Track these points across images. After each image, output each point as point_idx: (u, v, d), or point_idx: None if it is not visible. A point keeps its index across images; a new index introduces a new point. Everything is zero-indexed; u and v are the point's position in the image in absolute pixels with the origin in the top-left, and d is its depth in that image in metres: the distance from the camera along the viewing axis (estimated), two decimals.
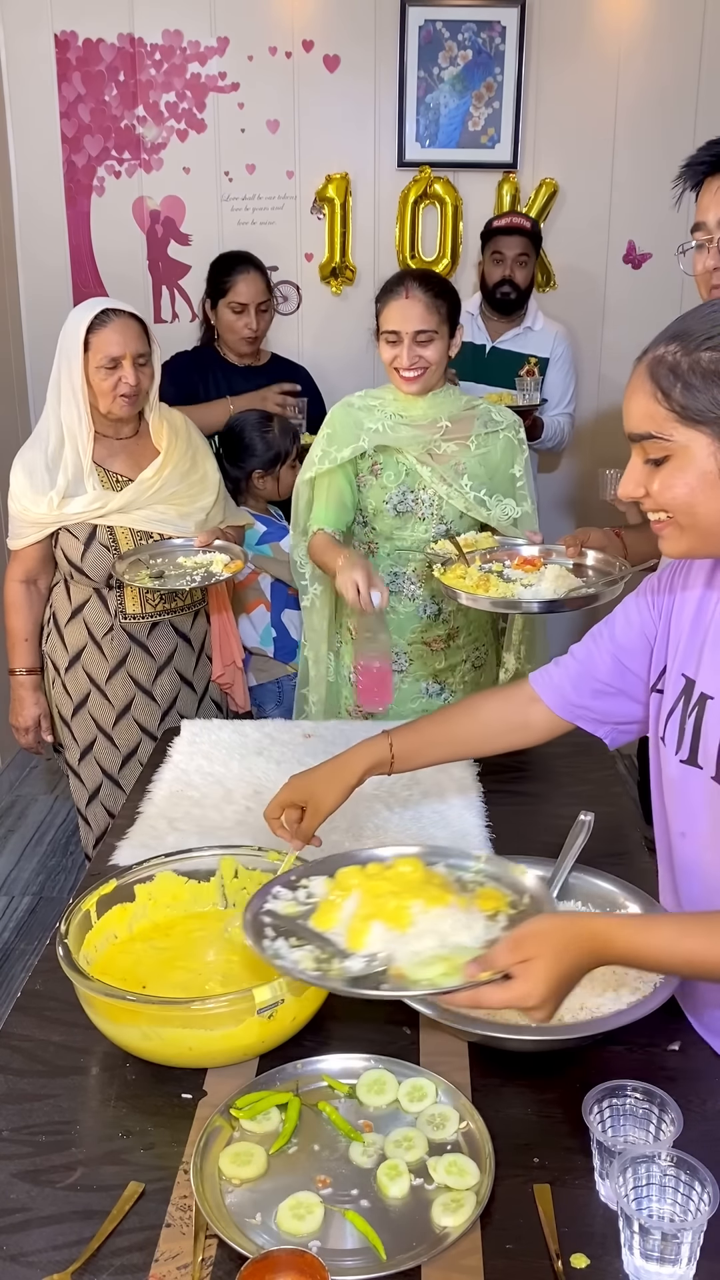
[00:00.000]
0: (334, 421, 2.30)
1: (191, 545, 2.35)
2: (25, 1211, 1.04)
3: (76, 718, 2.45)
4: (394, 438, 2.23)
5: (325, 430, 2.31)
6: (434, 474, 2.22)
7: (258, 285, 3.11)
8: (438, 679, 2.37)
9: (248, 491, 2.88)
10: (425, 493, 2.25)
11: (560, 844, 1.47)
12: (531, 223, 3.49)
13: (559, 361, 3.52)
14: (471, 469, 2.24)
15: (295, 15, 3.70)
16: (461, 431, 2.24)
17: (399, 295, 2.15)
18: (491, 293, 3.44)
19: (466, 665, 2.38)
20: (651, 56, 3.74)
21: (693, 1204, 0.97)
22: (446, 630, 2.35)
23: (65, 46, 3.71)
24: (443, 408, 2.25)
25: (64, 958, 1.23)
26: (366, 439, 2.24)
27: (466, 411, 2.27)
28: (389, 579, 2.33)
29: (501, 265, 3.42)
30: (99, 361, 2.22)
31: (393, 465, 2.27)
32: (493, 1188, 1.03)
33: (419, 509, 2.26)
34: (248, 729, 2.13)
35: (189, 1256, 0.98)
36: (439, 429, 2.24)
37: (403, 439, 2.23)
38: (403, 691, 2.37)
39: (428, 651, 2.36)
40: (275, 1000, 1.16)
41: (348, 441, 2.25)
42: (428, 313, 2.14)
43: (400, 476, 2.26)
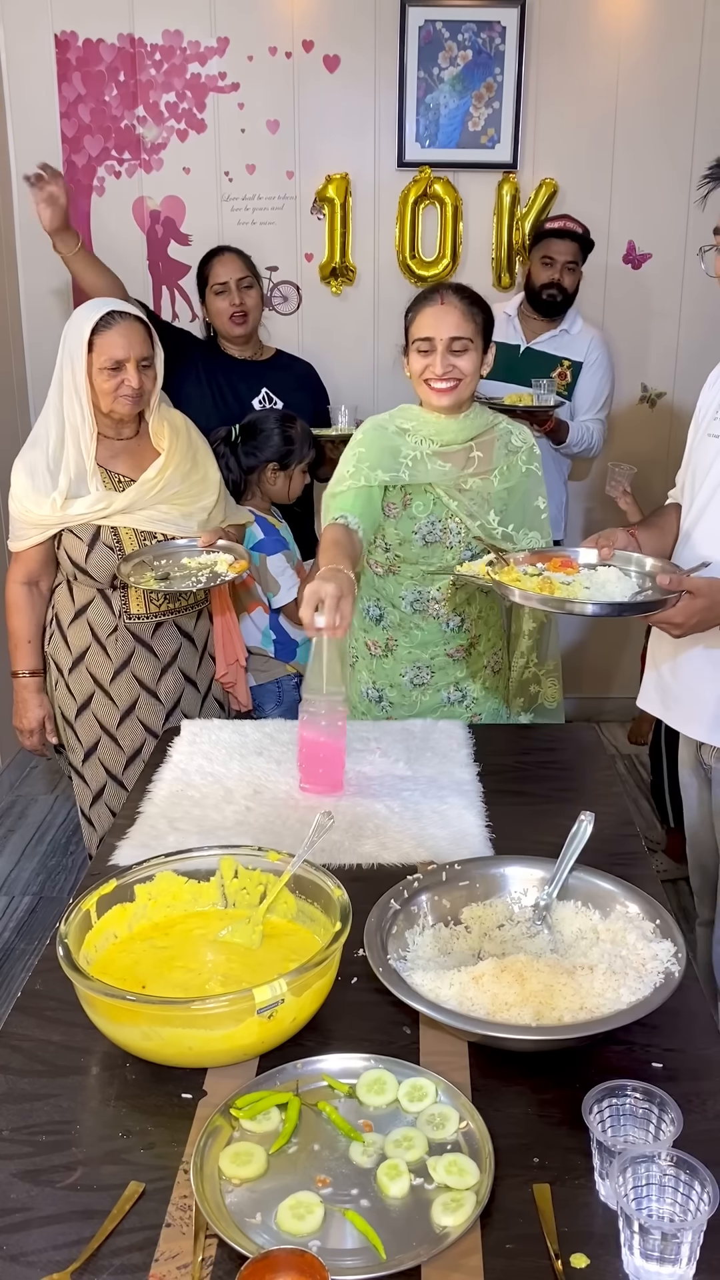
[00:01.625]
0: (367, 442, 2.18)
1: (195, 546, 2.35)
2: (25, 1211, 1.04)
3: (80, 719, 2.45)
4: (428, 472, 2.16)
5: (357, 449, 2.18)
6: (462, 507, 2.18)
7: (234, 264, 3.16)
8: (459, 687, 2.34)
9: (257, 486, 2.88)
10: (453, 522, 2.20)
11: (560, 844, 1.47)
12: (584, 229, 3.48)
13: (594, 366, 3.50)
14: (497, 502, 2.20)
15: (295, 15, 3.70)
16: (485, 463, 2.19)
17: (434, 302, 2.09)
18: (538, 293, 3.44)
19: (487, 670, 2.35)
20: (651, 56, 3.75)
21: (692, 1204, 0.97)
22: (468, 639, 2.32)
23: (65, 46, 3.72)
24: (474, 427, 2.18)
25: (64, 958, 1.23)
26: (406, 471, 2.15)
27: (488, 433, 2.21)
28: (413, 598, 2.27)
29: (551, 268, 3.41)
30: (102, 363, 2.22)
31: (421, 496, 2.19)
32: (493, 1188, 1.03)
33: (447, 538, 2.21)
34: (248, 729, 2.13)
35: (189, 1256, 0.98)
36: (471, 460, 2.17)
37: (434, 475, 2.16)
38: (424, 702, 2.33)
39: (450, 662, 2.32)
40: (275, 1000, 1.16)
41: (386, 467, 2.14)
42: (464, 320, 2.07)
43: (429, 507, 2.19)
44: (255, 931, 1.39)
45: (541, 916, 1.43)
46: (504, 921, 1.44)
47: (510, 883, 1.49)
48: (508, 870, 1.51)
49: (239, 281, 3.13)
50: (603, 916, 1.42)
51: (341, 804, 1.80)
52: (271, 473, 2.86)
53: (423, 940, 1.38)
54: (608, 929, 1.39)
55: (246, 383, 3.19)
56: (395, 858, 1.64)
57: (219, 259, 3.18)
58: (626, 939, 1.35)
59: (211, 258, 3.20)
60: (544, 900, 1.44)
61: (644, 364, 4.02)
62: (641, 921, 1.37)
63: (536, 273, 3.45)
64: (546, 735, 2.22)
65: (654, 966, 1.28)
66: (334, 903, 1.33)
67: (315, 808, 1.76)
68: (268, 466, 2.85)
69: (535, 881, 1.48)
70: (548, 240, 3.43)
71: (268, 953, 1.37)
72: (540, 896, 1.45)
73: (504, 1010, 1.22)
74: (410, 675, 2.32)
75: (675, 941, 1.31)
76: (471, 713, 2.35)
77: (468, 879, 1.49)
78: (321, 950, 1.23)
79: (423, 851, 1.66)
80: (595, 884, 1.45)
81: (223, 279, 3.13)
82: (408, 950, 1.36)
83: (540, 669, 2.38)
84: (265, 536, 2.82)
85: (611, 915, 1.41)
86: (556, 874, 1.45)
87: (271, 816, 1.77)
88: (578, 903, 1.44)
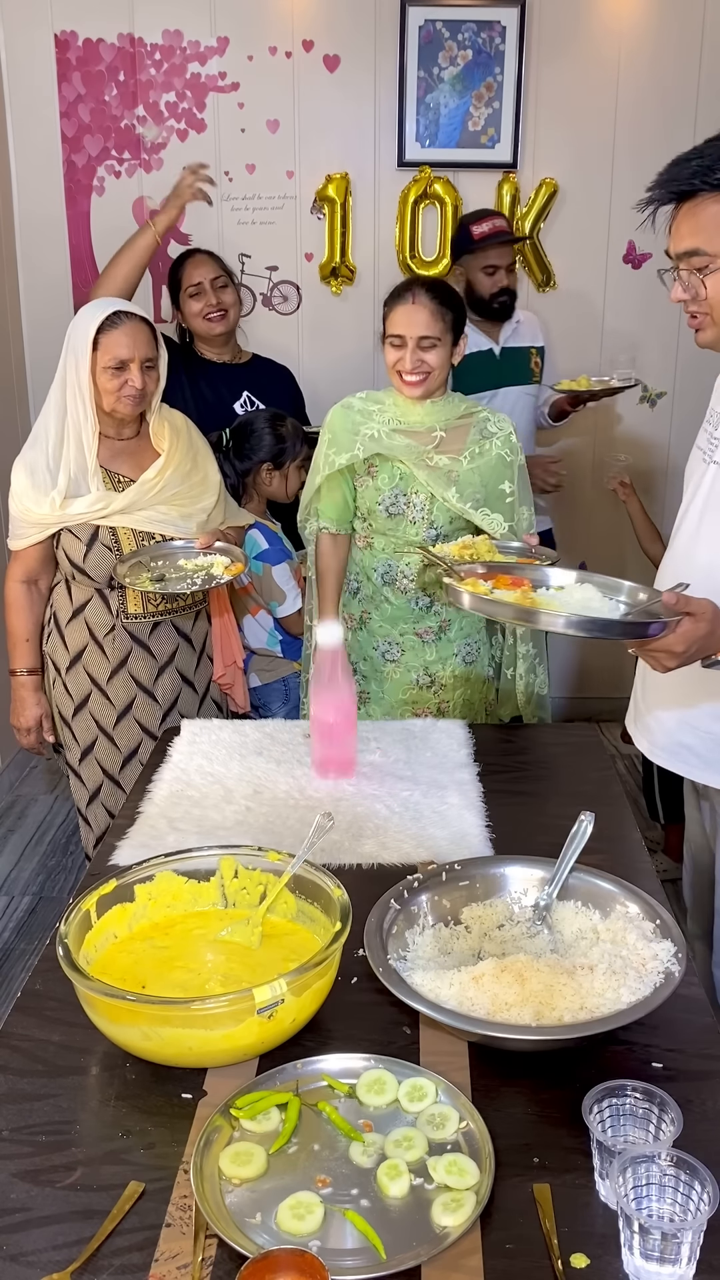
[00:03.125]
0: (333, 425, 2.36)
1: (192, 547, 2.35)
2: (25, 1211, 1.04)
3: (77, 718, 2.45)
4: (387, 445, 2.29)
5: (326, 434, 2.37)
6: (428, 478, 2.26)
7: (207, 265, 3.13)
8: (428, 671, 2.41)
9: (254, 488, 2.88)
10: (417, 497, 2.30)
11: (560, 844, 1.47)
12: (508, 221, 3.44)
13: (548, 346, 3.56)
14: (463, 481, 2.27)
15: (295, 15, 3.70)
16: (455, 443, 2.28)
17: (406, 300, 2.22)
18: (488, 303, 3.35)
19: (457, 660, 2.41)
20: (651, 56, 3.74)
21: (692, 1204, 0.97)
22: (438, 622, 2.40)
23: (65, 46, 3.71)
24: (440, 415, 2.30)
25: (64, 958, 1.23)
26: (361, 447, 2.30)
27: (462, 420, 2.30)
28: (384, 570, 2.38)
29: (495, 276, 3.34)
30: (107, 362, 2.22)
31: (388, 468, 2.32)
32: (493, 1188, 1.03)
33: (410, 512, 2.31)
34: (248, 729, 2.13)
35: (189, 1256, 0.98)
36: (433, 439, 2.28)
37: (396, 448, 2.27)
38: (394, 681, 2.41)
39: (419, 643, 2.41)
40: (275, 1000, 1.16)
41: (343, 446, 2.32)
42: (433, 319, 2.20)
43: (394, 480, 2.31)
44: (255, 931, 1.39)
45: (541, 916, 1.43)
46: (504, 921, 1.44)
47: (510, 883, 1.49)
48: (508, 870, 1.51)
49: (213, 281, 3.09)
50: (603, 916, 1.42)
51: (341, 804, 1.80)
52: (266, 473, 2.86)
53: (423, 940, 1.38)
54: (608, 929, 1.39)
55: (228, 387, 3.18)
56: (395, 858, 1.65)
57: (191, 261, 3.14)
58: (626, 939, 1.35)
59: (183, 261, 3.16)
60: (544, 900, 1.44)
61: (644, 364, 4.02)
62: (641, 921, 1.37)
63: (481, 283, 3.34)
64: (546, 735, 2.22)
65: (654, 966, 1.28)
66: (334, 903, 1.33)
67: (315, 808, 1.76)
68: (262, 467, 2.85)
69: (535, 881, 1.48)
70: (485, 249, 3.32)
71: (268, 953, 1.37)
72: (540, 896, 1.45)
73: (504, 1010, 1.22)
74: (382, 649, 2.43)
75: (675, 941, 1.31)
76: (440, 699, 2.41)
77: (468, 879, 1.49)
78: (321, 950, 1.23)
79: (423, 851, 1.66)
80: (595, 884, 1.45)
81: (196, 280, 3.09)
82: (408, 950, 1.36)
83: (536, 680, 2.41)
84: (269, 546, 2.81)
85: (611, 915, 1.41)
86: (556, 874, 1.45)
87: (271, 816, 1.77)
88: (578, 903, 1.44)
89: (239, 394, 3.18)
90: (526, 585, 1.63)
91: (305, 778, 1.91)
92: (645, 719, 1.90)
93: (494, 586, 1.62)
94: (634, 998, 1.23)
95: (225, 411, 3.11)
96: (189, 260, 3.16)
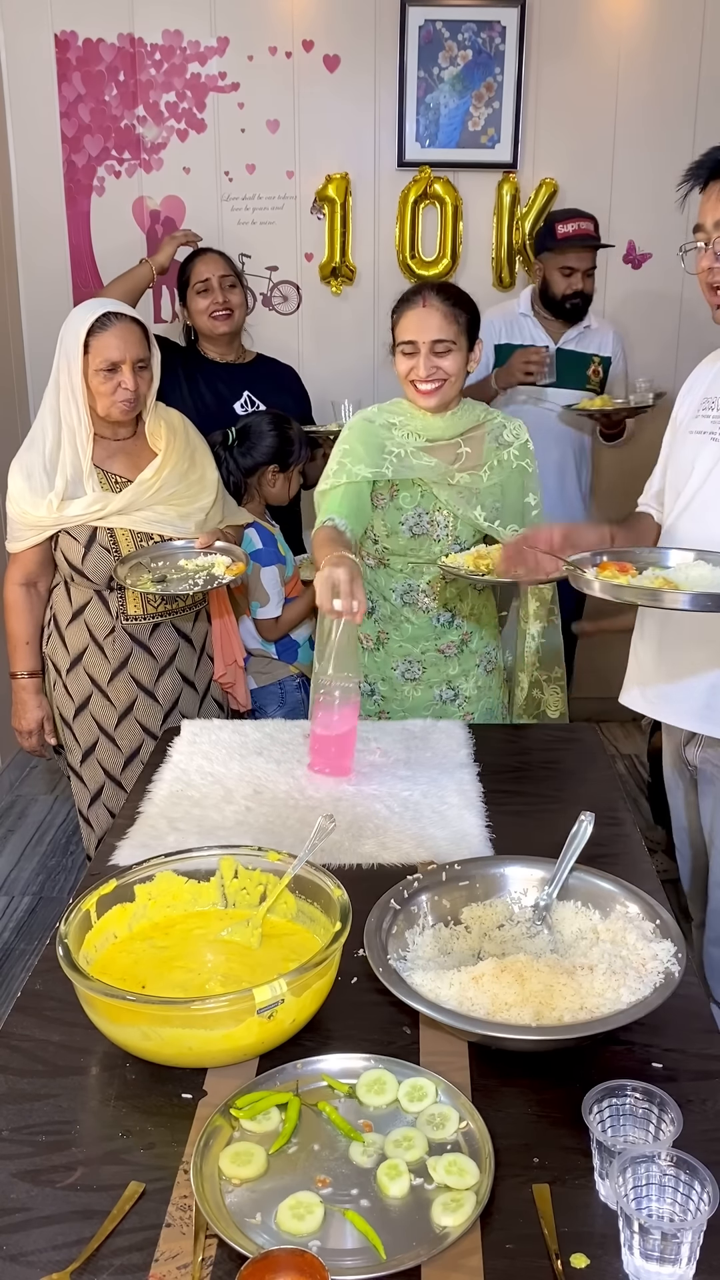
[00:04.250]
0: (353, 437, 2.21)
1: (192, 547, 2.35)
2: (25, 1211, 1.04)
3: (78, 719, 2.45)
4: (414, 467, 2.17)
5: (343, 445, 2.22)
6: (451, 499, 2.19)
7: (217, 262, 3.13)
8: (451, 685, 2.34)
9: (256, 489, 2.87)
10: (441, 514, 2.22)
11: (560, 844, 1.47)
12: (596, 226, 3.37)
13: (619, 361, 3.48)
14: (484, 494, 2.21)
15: (295, 15, 3.70)
16: (474, 459, 2.20)
17: (416, 304, 2.11)
18: (560, 303, 3.34)
19: (479, 670, 2.35)
20: (651, 56, 3.75)
21: (692, 1204, 0.97)
22: (460, 636, 2.32)
23: (65, 46, 3.72)
24: (462, 423, 2.20)
25: (64, 957, 1.23)
26: (390, 467, 2.17)
27: (478, 428, 2.22)
28: (403, 590, 2.29)
29: (571, 278, 3.31)
30: (98, 365, 2.22)
31: (409, 488, 2.22)
32: (493, 1188, 1.03)
33: (434, 530, 2.23)
34: (248, 729, 2.13)
35: (189, 1256, 0.98)
36: (459, 456, 2.19)
37: (421, 470, 2.17)
38: (415, 699, 2.34)
39: (441, 659, 2.33)
40: (275, 1000, 1.16)
41: (370, 462, 2.17)
42: (446, 322, 2.09)
43: (416, 499, 2.21)
44: (255, 932, 1.39)
45: (541, 916, 1.43)
46: (504, 921, 1.44)
47: (510, 883, 1.49)
48: (508, 870, 1.51)
49: (222, 279, 3.08)
50: (603, 916, 1.42)
51: (341, 804, 1.80)
52: (272, 475, 2.86)
53: (423, 940, 1.38)
54: (608, 929, 1.39)
55: (229, 387, 3.16)
56: (395, 858, 1.64)
57: (201, 258, 3.15)
58: (626, 939, 1.35)
59: (193, 258, 3.17)
60: (544, 900, 1.44)
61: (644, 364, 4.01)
62: (641, 921, 1.37)
63: (556, 282, 3.33)
64: (546, 735, 2.22)
65: (654, 966, 1.28)
66: (334, 903, 1.33)
67: (315, 808, 1.76)
68: (268, 469, 2.84)
69: (535, 881, 1.48)
70: (566, 250, 3.30)
71: (268, 953, 1.37)
72: (540, 896, 1.45)
73: (504, 1010, 1.22)
74: (401, 669, 2.33)
75: (675, 941, 1.31)
76: (464, 711, 2.35)
77: (468, 879, 1.49)
78: (321, 950, 1.23)
79: (423, 851, 1.66)
80: (595, 884, 1.45)
81: (205, 276, 3.08)
82: (408, 950, 1.36)
83: (545, 675, 2.37)
84: (263, 547, 2.81)
85: (611, 915, 1.41)
86: (556, 874, 1.45)
87: (271, 816, 1.77)
88: (578, 903, 1.44)
89: (239, 394, 3.17)
90: (632, 569, 1.71)
91: (305, 778, 1.91)
92: (664, 688, 1.93)
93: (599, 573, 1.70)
94: (634, 998, 1.23)
95: (225, 411, 3.10)
96: (199, 257, 3.16)
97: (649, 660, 1.97)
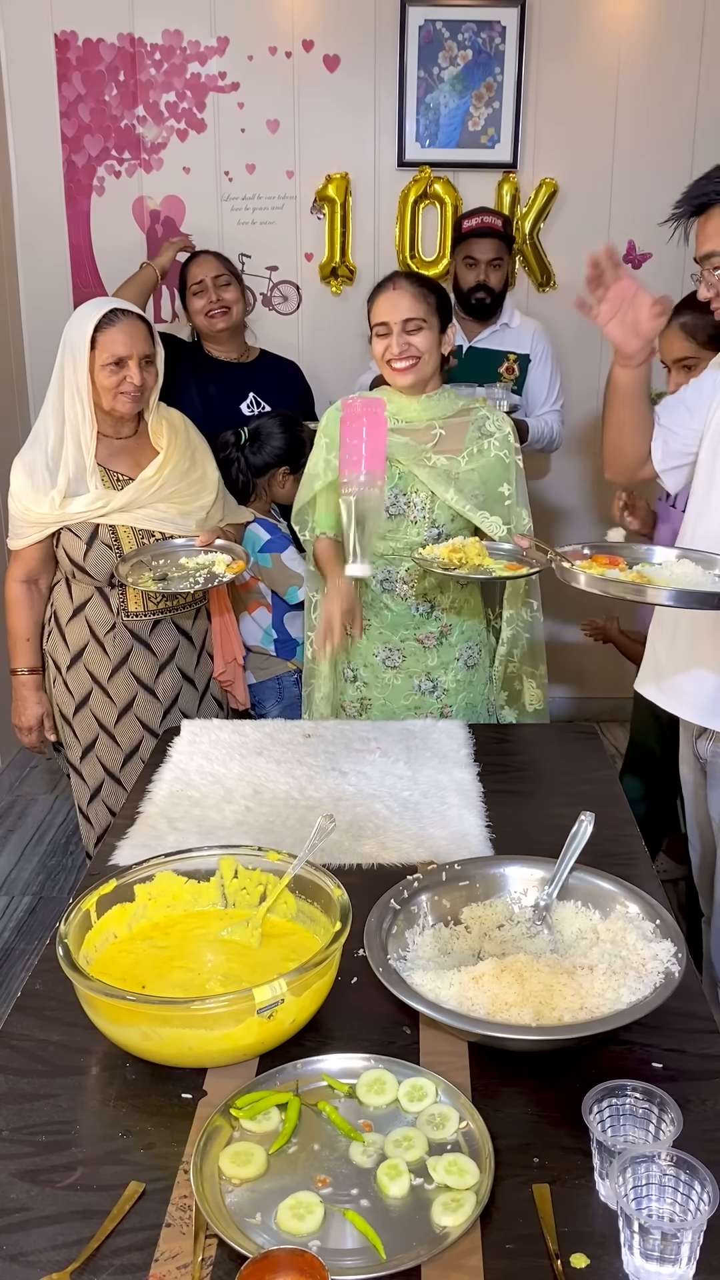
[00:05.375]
0: (329, 429, 2.31)
1: (193, 545, 2.35)
2: (25, 1211, 1.04)
3: (78, 716, 2.45)
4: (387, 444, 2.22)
5: (322, 438, 2.33)
6: (427, 477, 2.24)
7: (211, 263, 3.18)
8: (430, 676, 2.38)
9: (266, 489, 2.89)
10: (418, 496, 2.27)
11: (560, 844, 1.47)
12: (504, 221, 3.41)
13: (541, 359, 3.44)
14: (462, 480, 2.25)
15: (295, 15, 3.70)
16: (454, 443, 2.26)
17: (386, 289, 2.21)
18: (466, 297, 3.36)
19: (459, 664, 2.38)
20: (651, 56, 3.74)
21: (692, 1204, 0.97)
22: (439, 627, 2.37)
23: (65, 46, 3.71)
24: (437, 409, 2.27)
25: (64, 957, 1.23)
26: None
27: (460, 416, 2.27)
28: (382, 576, 2.34)
29: (475, 270, 3.33)
30: (105, 360, 2.22)
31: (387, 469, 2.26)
32: (493, 1188, 1.03)
33: (411, 512, 2.28)
34: (248, 729, 2.13)
35: (189, 1256, 0.98)
36: (432, 436, 2.26)
37: (395, 446, 2.23)
38: (395, 688, 2.38)
39: (420, 649, 2.37)
40: (275, 1000, 1.16)
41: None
42: (415, 301, 2.17)
43: (393, 480, 2.27)
44: (255, 932, 1.39)
45: (541, 916, 1.43)
46: (504, 921, 1.44)
47: (510, 883, 1.49)
48: (508, 870, 1.51)
49: (215, 279, 3.14)
50: (603, 916, 1.42)
51: (341, 804, 1.80)
52: (283, 476, 2.87)
53: (423, 940, 1.38)
54: (608, 929, 1.39)
55: (234, 387, 3.19)
56: (395, 858, 1.65)
57: (196, 260, 3.21)
58: (626, 939, 1.35)
59: (189, 262, 3.23)
60: (544, 900, 1.44)
61: None
62: (641, 921, 1.37)
63: (462, 275, 3.36)
64: (547, 735, 2.22)
65: (654, 966, 1.28)
66: (334, 903, 1.33)
67: (315, 808, 1.77)
68: (279, 470, 2.86)
69: (535, 881, 1.48)
70: (468, 241, 3.34)
71: (268, 953, 1.37)
72: (540, 896, 1.45)
73: (504, 1010, 1.22)
74: (382, 655, 2.39)
75: (675, 941, 1.31)
76: (442, 704, 2.39)
77: (468, 879, 1.49)
78: (321, 950, 1.23)
79: (423, 851, 1.66)
80: (595, 884, 1.45)
81: (199, 278, 3.15)
82: (408, 950, 1.36)
83: (522, 667, 2.39)
84: (271, 536, 2.82)
85: (611, 915, 1.41)
86: (556, 874, 1.45)
87: (271, 816, 1.77)
88: (578, 903, 1.44)
89: (244, 394, 3.19)
90: (621, 563, 1.72)
91: (305, 778, 1.91)
92: (675, 679, 1.95)
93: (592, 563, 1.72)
94: (634, 998, 1.23)
95: (232, 412, 3.13)
96: (194, 260, 3.22)
97: (664, 652, 1.99)
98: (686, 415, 1.95)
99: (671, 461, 1.98)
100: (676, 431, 1.96)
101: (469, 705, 2.40)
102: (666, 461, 1.98)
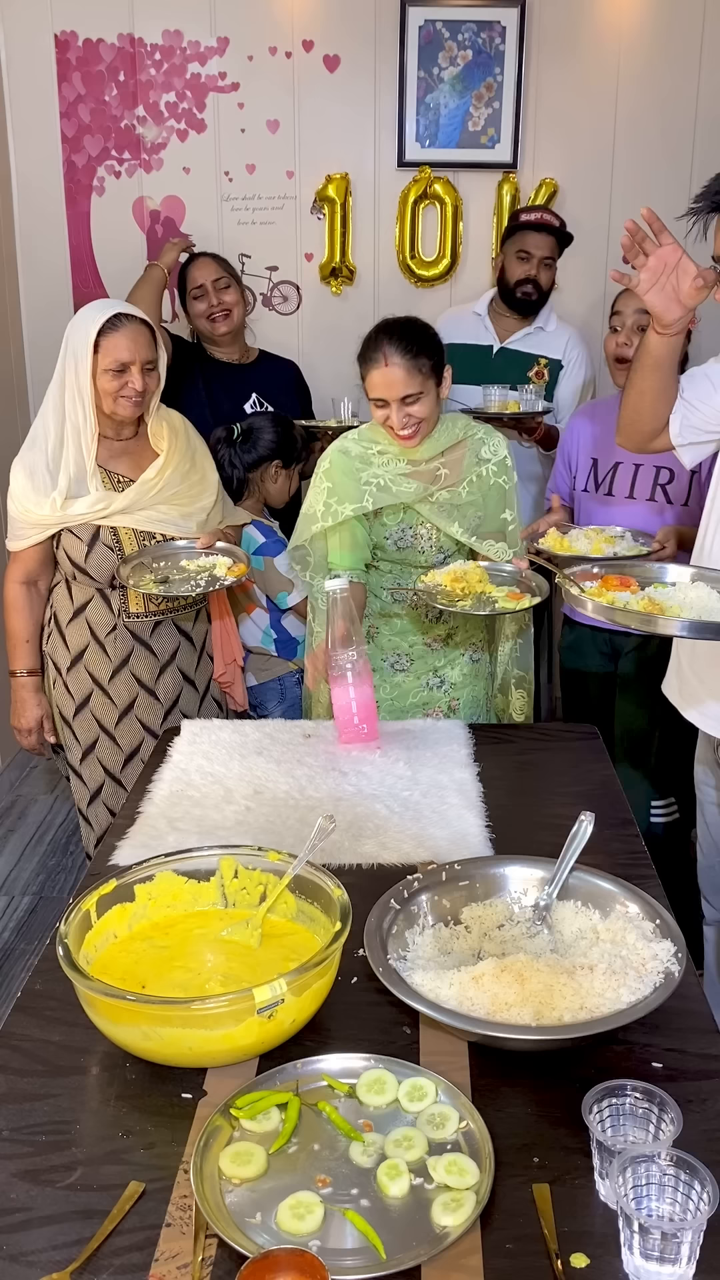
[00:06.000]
0: (334, 474, 2.24)
1: (194, 547, 2.36)
2: (25, 1211, 1.04)
3: (78, 718, 2.45)
4: (395, 493, 2.21)
5: (325, 483, 2.25)
6: (431, 512, 2.24)
7: (210, 266, 3.20)
8: (438, 673, 2.42)
9: (258, 485, 2.89)
10: (424, 528, 2.29)
11: (560, 844, 1.47)
12: (561, 222, 3.33)
13: (575, 365, 3.36)
14: (464, 509, 2.26)
15: (295, 15, 3.70)
16: (454, 475, 2.24)
17: (378, 364, 2.11)
18: (512, 291, 3.26)
19: (464, 659, 2.42)
20: (651, 57, 3.74)
21: (692, 1204, 0.97)
22: (446, 630, 2.40)
23: (65, 46, 3.71)
24: (439, 444, 2.23)
25: (64, 957, 1.23)
26: (370, 498, 2.21)
27: (458, 447, 2.25)
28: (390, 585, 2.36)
29: (527, 263, 3.23)
30: (107, 365, 2.22)
31: (392, 508, 2.26)
32: (493, 1187, 1.03)
33: (419, 543, 2.30)
34: (248, 729, 2.13)
35: (189, 1256, 0.98)
36: (438, 478, 2.23)
37: (402, 494, 2.22)
38: (405, 687, 2.40)
39: (428, 651, 2.41)
40: (275, 1000, 1.16)
41: (351, 498, 2.21)
42: (410, 376, 2.10)
43: (399, 517, 2.28)
44: (255, 932, 1.39)
45: (541, 916, 1.43)
46: (504, 921, 1.44)
47: (510, 883, 1.49)
48: (508, 870, 1.51)
49: (215, 282, 3.15)
50: (603, 916, 1.42)
51: (341, 804, 1.80)
52: (275, 470, 2.88)
53: (423, 940, 1.38)
54: (608, 929, 1.39)
55: (237, 388, 3.21)
56: (395, 858, 1.65)
57: (195, 264, 3.22)
58: (626, 939, 1.35)
59: (188, 264, 3.24)
60: (544, 900, 1.44)
61: None
62: (641, 921, 1.37)
63: (511, 268, 3.26)
64: (547, 735, 2.22)
65: (654, 966, 1.28)
66: (334, 903, 1.33)
67: (315, 808, 1.77)
68: (272, 465, 2.86)
69: (535, 881, 1.48)
70: (523, 233, 3.23)
71: (268, 953, 1.37)
72: (540, 896, 1.45)
73: (504, 1010, 1.22)
74: (391, 660, 2.41)
75: (675, 941, 1.31)
76: (450, 698, 2.41)
77: (468, 879, 1.49)
78: (321, 950, 1.23)
79: (423, 851, 1.66)
80: (595, 884, 1.45)
81: (199, 282, 3.16)
82: (408, 950, 1.36)
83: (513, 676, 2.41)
84: (266, 539, 2.82)
85: (611, 915, 1.41)
86: (556, 874, 1.45)
87: (271, 816, 1.77)
88: (578, 903, 1.44)
89: (247, 396, 3.21)
90: (634, 584, 1.69)
91: (305, 778, 1.91)
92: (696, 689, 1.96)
93: (603, 587, 1.68)
94: (634, 998, 1.23)
95: (236, 413, 3.15)
96: (193, 263, 3.23)
97: (685, 658, 2.00)
98: (710, 391, 1.91)
99: (689, 436, 1.94)
100: (697, 407, 1.92)
101: (474, 698, 2.42)
102: (684, 436, 1.94)
